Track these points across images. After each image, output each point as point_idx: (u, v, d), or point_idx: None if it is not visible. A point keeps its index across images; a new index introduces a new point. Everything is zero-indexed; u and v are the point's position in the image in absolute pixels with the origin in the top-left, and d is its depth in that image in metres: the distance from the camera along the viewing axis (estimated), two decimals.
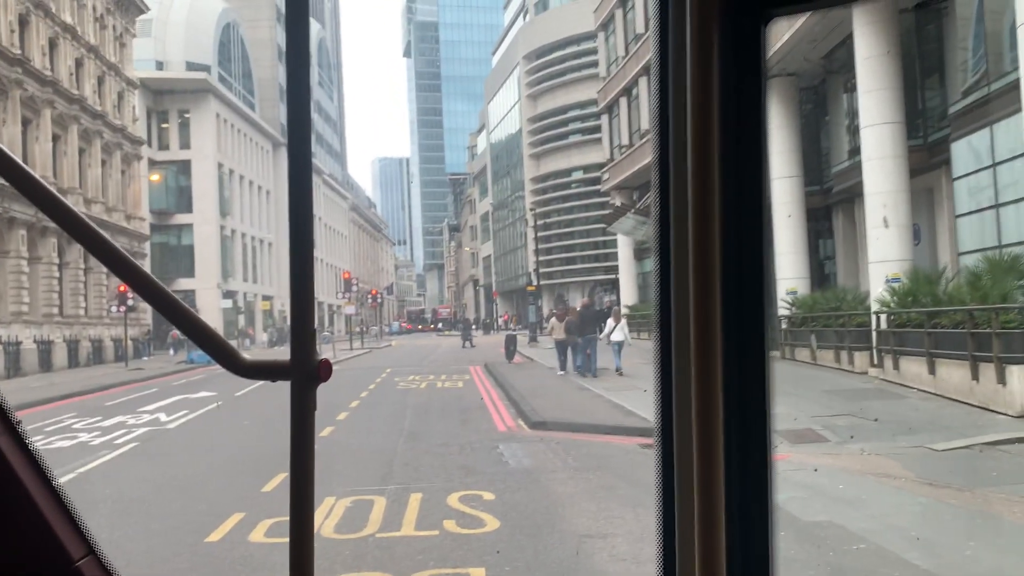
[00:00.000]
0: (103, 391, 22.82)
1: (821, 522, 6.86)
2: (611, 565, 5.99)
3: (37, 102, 33.69)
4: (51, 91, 34.59)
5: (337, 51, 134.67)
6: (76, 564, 1.28)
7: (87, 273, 37.71)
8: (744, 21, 1.13)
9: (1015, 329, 11.90)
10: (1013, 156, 14.37)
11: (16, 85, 31.85)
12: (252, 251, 63.53)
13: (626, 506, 7.68)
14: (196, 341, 1.10)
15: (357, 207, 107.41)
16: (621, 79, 39.07)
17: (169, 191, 54.50)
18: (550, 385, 18.80)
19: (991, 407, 11.93)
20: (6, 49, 31.01)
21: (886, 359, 15.78)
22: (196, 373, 28.73)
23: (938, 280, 15.65)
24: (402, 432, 13.10)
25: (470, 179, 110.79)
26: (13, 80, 31.62)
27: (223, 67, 65.47)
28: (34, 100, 33.49)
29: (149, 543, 7.04)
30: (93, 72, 39.67)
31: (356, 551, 6.47)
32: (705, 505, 1.12)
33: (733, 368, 1.14)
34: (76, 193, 36.09)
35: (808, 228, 23.26)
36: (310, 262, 1.08)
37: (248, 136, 64.18)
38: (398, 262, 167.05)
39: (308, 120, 1.09)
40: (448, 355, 36.96)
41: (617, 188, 41.54)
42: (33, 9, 33.58)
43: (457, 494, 8.30)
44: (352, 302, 50.40)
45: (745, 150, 1.15)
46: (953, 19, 18.14)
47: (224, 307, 53.80)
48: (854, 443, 10.12)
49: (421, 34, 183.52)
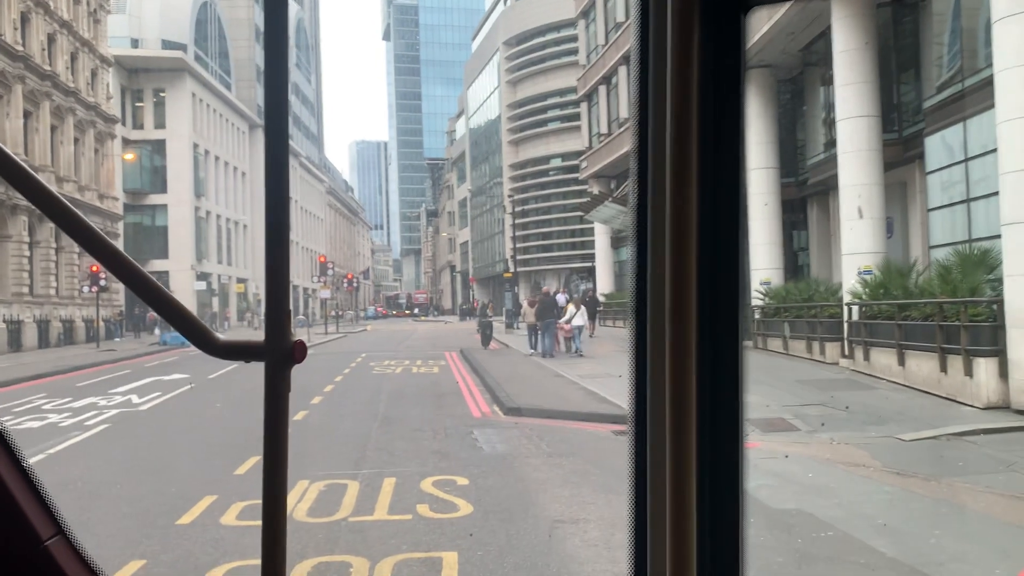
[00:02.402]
0: (74, 372, 22.56)
1: (790, 509, 6.95)
2: (583, 550, 6.04)
3: (8, 78, 33.05)
4: (22, 67, 33.93)
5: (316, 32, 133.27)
6: (44, 544, 1.27)
7: (59, 252, 37.18)
8: (724, 10, 1.13)
9: (983, 322, 12.09)
10: (985, 152, 14.53)
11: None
12: (227, 233, 62.92)
13: (599, 492, 7.73)
14: (170, 321, 1.10)
15: (334, 190, 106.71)
16: (601, 67, 39.04)
17: (143, 171, 53.75)
18: (525, 371, 18.85)
19: (958, 399, 12.12)
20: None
21: (857, 350, 15.98)
22: (169, 355, 28.47)
23: (909, 273, 15.84)
24: (376, 417, 13.08)
25: (448, 164, 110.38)
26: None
27: (200, 46, 64.57)
28: (4, 76, 32.84)
29: (119, 525, 6.99)
30: (66, 48, 38.97)
31: (329, 535, 6.47)
32: (677, 491, 1.14)
33: (707, 356, 1.15)
34: (48, 171, 35.52)
35: (783, 219, 23.44)
36: (286, 244, 1.07)
37: (224, 117, 63.42)
38: (375, 247, 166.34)
39: (285, 102, 1.08)
40: (424, 341, 36.91)
41: (595, 176, 41.59)
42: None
43: (431, 479, 8.32)
44: (328, 286, 50.18)
45: (723, 140, 1.16)
46: (929, 14, 18.29)
47: (198, 289, 53.36)
48: (824, 432, 10.25)
49: (401, 16, 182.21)
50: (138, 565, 5.79)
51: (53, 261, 36.76)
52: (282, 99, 1.07)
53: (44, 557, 1.27)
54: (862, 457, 8.93)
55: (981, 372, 11.77)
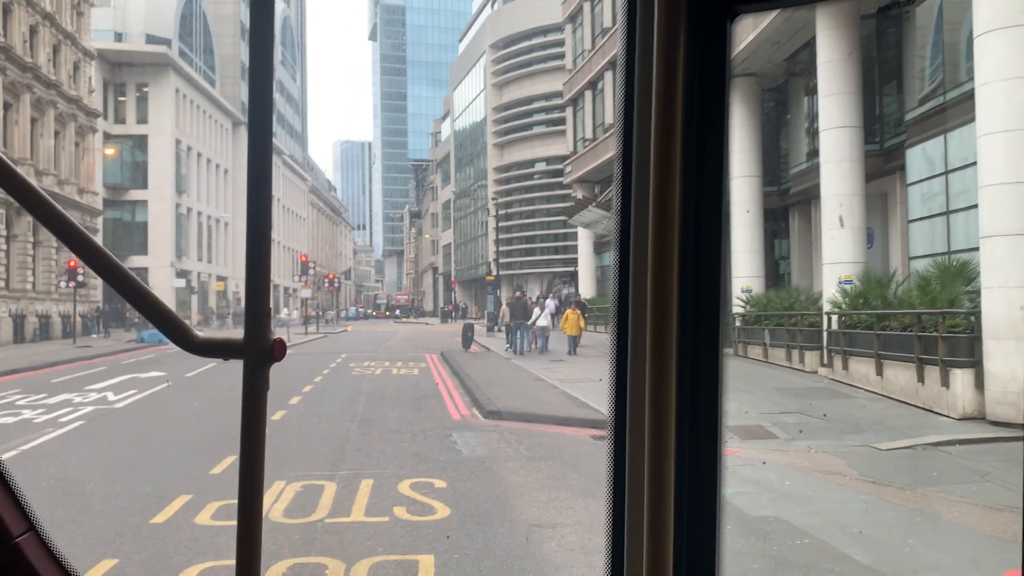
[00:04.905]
0: (49, 368, 22.32)
1: (767, 516, 6.99)
2: (560, 555, 6.04)
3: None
4: (3, 57, 33.59)
5: (301, 30, 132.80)
6: (15, 540, 1.26)
7: (36, 247, 36.80)
8: (710, 18, 1.14)
9: (960, 333, 12.21)
10: (965, 164, 14.68)
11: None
12: (208, 230, 62.49)
13: (577, 496, 7.73)
14: (148, 317, 1.09)
15: (317, 190, 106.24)
16: (587, 72, 39.14)
17: (124, 166, 53.30)
18: (506, 375, 18.84)
19: (935, 409, 12.23)
20: None
21: (836, 359, 16.09)
22: (146, 352, 28.22)
23: (888, 283, 15.97)
24: (355, 418, 13.03)
25: (433, 166, 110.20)
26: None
27: (184, 41, 64.14)
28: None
29: (92, 523, 6.92)
30: (48, 40, 38.59)
31: (305, 536, 6.43)
32: (655, 497, 1.14)
33: (687, 363, 1.16)
34: (27, 164, 35.14)
35: (765, 228, 23.57)
36: (267, 242, 1.06)
37: (208, 113, 63.02)
38: (357, 247, 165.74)
39: (270, 99, 1.07)
40: (405, 342, 36.82)
41: (579, 181, 41.68)
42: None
43: (408, 481, 8.29)
44: (309, 285, 49.91)
45: (707, 148, 1.16)
46: (913, 27, 18.47)
47: (177, 286, 52.95)
48: (802, 440, 10.31)
49: (388, 17, 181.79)
50: (110, 564, 5.74)
51: (30, 255, 36.37)
52: (267, 97, 1.07)
53: (15, 554, 1.25)
54: (839, 465, 8.99)
55: (958, 383, 11.88)
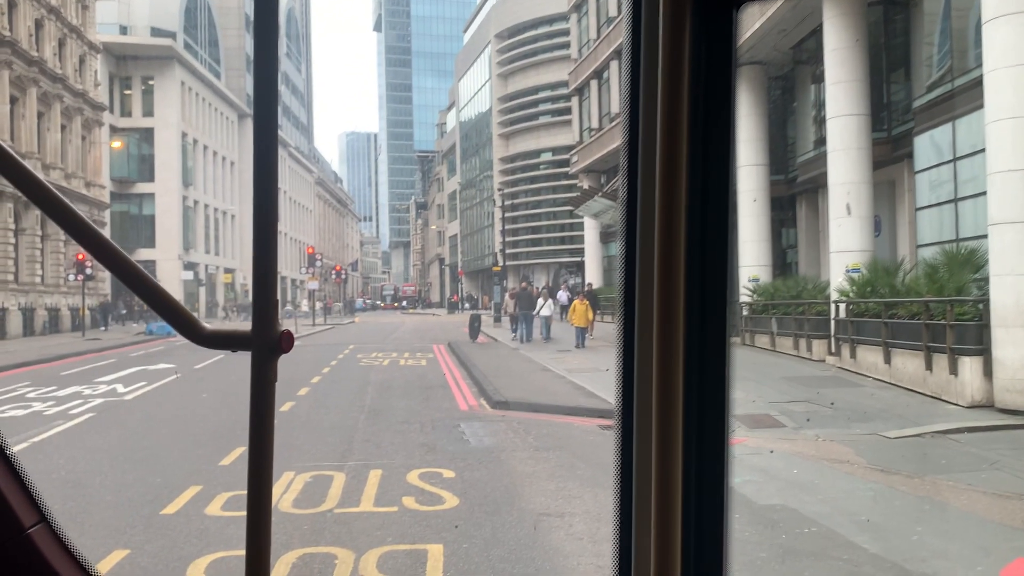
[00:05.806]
0: (59, 360, 22.42)
1: (775, 505, 6.99)
2: (568, 544, 6.05)
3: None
4: (9, 52, 33.62)
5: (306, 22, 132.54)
6: (27, 531, 1.27)
7: (44, 240, 36.91)
8: (716, 6, 1.14)
9: (968, 321, 12.17)
10: (973, 152, 14.60)
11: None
12: (215, 223, 62.62)
13: (584, 486, 7.75)
14: (156, 310, 1.09)
15: (323, 181, 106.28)
16: (592, 61, 38.99)
17: (131, 159, 53.40)
18: (513, 365, 18.86)
19: (943, 397, 12.21)
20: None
21: (843, 348, 16.06)
22: (155, 344, 28.34)
23: (896, 271, 15.92)
24: (363, 409, 13.07)
25: (439, 157, 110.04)
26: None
27: (189, 34, 64.15)
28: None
29: (103, 514, 6.96)
30: (54, 34, 38.63)
31: (314, 526, 6.46)
32: (662, 486, 1.14)
33: (694, 352, 1.16)
34: (34, 158, 35.22)
35: (772, 217, 23.50)
36: (274, 233, 1.07)
37: (213, 106, 63.04)
38: (363, 238, 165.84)
39: (275, 92, 1.07)
40: (412, 333, 36.88)
41: (585, 171, 41.59)
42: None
43: (417, 471, 8.32)
44: (316, 277, 50.02)
45: (713, 136, 1.16)
46: (920, 14, 18.35)
47: (185, 279, 53.09)
48: (810, 429, 10.30)
49: (392, 7, 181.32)
50: (122, 555, 5.77)
51: (39, 249, 36.49)
52: (272, 89, 1.07)
53: (27, 544, 1.26)
54: (847, 454, 8.98)
55: (966, 371, 11.85)
